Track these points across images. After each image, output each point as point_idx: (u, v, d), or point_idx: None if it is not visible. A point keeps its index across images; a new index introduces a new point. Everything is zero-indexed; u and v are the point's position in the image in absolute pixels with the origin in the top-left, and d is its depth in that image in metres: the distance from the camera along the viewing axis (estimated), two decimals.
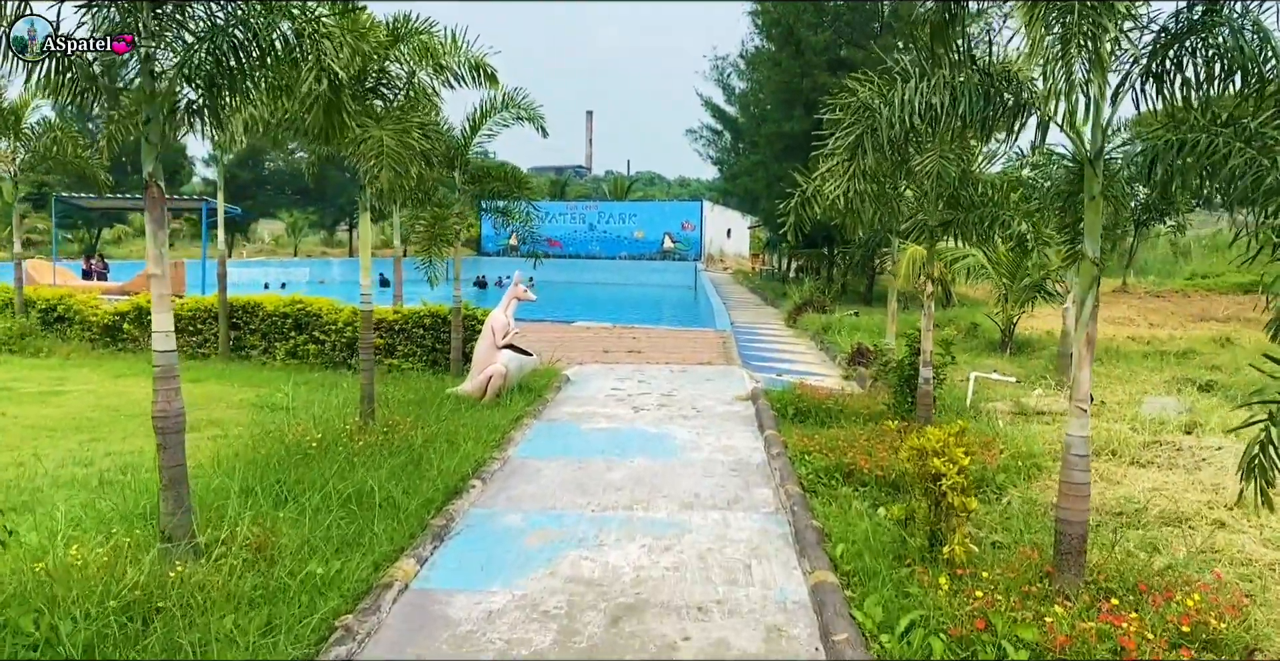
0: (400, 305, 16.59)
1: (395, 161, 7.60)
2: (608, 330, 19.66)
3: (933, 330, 8.67)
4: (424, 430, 8.59)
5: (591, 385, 12.32)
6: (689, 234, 50.00)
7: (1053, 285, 15.95)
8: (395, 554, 5.71)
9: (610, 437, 9.21)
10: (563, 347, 16.45)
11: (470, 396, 10.58)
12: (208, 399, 11.02)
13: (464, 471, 7.52)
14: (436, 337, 12.47)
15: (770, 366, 14.74)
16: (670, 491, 7.33)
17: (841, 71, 24.90)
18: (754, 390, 11.56)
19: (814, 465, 7.92)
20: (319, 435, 8.22)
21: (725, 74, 34.99)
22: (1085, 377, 5.25)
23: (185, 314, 13.62)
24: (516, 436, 9.09)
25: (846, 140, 5.67)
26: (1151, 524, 6.76)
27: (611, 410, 10.60)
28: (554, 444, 8.94)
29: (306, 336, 13.02)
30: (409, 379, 11.90)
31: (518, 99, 11.57)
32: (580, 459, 8.34)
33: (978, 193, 8.25)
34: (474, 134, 11.68)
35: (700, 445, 8.91)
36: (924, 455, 5.82)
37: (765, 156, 27.94)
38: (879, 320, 19.20)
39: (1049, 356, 14.91)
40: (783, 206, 8.64)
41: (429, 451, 7.97)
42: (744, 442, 9.05)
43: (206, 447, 8.35)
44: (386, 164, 7.54)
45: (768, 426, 9.44)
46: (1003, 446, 8.46)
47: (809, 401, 10.35)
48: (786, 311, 22.75)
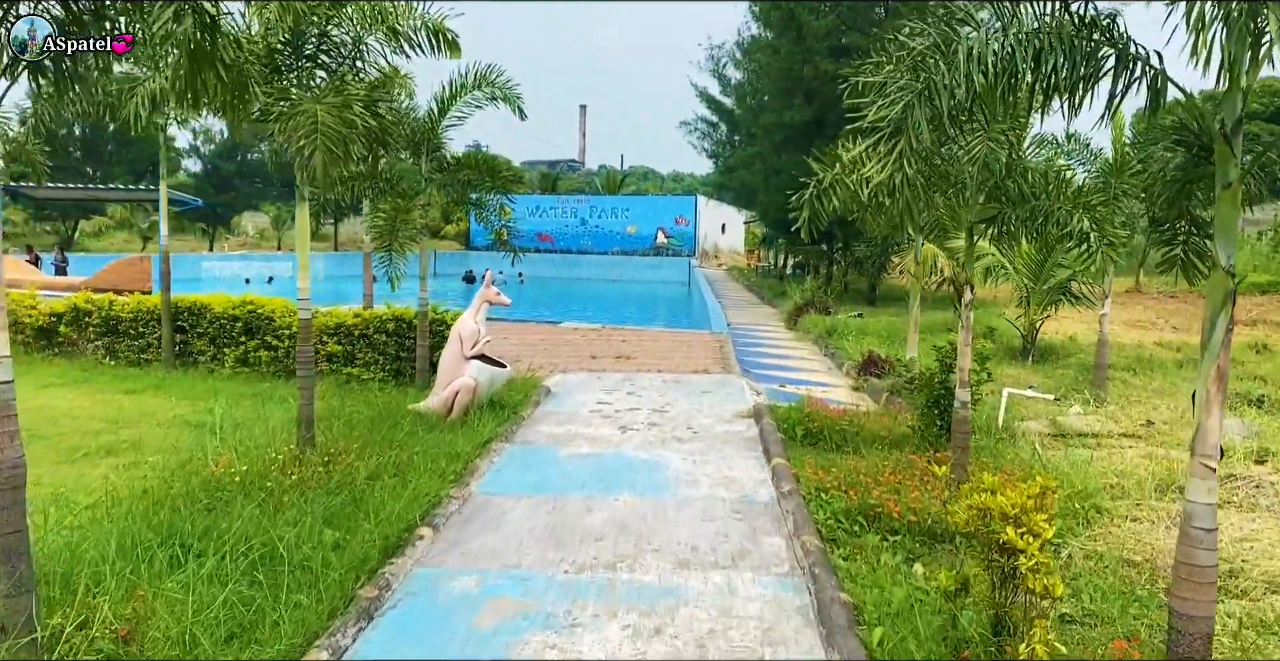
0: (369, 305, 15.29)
1: (332, 141, 6.27)
2: (596, 332, 18.35)
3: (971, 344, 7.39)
4: (372, 459, 7.28)
5: (575, 398, 11.02)
6: (683, 229, 48.62)
7: (1079, 287, 14.70)
8: (303, 645, 4.40)
9: (593, 467, 7.91)
10: (546, 352, 15.14)
11: (434, 414, 9.27)
12: (137, 414, 9.69)
13: (411, 517, 6.22)
14: (401, 344, 11.14)
15: (772, 375, 13.46)
16: (662, 542, 6.03)
17: (844, 59, 23.67)
18: (756, 406, 10.27)
19: (833, 506, 6.64)
20: (244, 467, 6.93)
21: (721, 64, 33.67)
22: (1214, 426, 3.95)
23: (125, 316, 12.27)
24: (482, 466, 7.78)
25: (892, 109, 4.36)
26: (1255, 589, 5.49)
27: (596, 430, 9.30)
28: (526, 475, 7.63)
29: (258, 342, 11.69)
30: (368, 391, 10.57)
31: (491, 76, 10.24)
32: (555, 496, 7.04)
33: (1027, 183, 6.96)
34: (442, 116, 10.35)
35: (697, 477, 7.62)
36: (986, 515, 4.54)
37: (763, 148, 26.61)
38: (886, 322, 17.93)
39: (1077, 366, 13.65)
40: (795, 199, 7.36)
41: (373, 488, 6.67)
42: (749, 473, 7.76)
43: (110, 481, 7.06)
44: (320, 144, 6.22)
45: (774, 452, 8.16)
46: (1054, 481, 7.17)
47: (820, 420, 9.07)
48: (786, 312, 21.45)
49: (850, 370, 13.28)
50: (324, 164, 6.23)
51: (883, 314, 21.07)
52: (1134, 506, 7.14)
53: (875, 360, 12.54)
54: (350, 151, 6.44)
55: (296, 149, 6.33)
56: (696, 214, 48.69)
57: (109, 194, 19.64)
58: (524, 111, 10.51)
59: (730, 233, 59.16)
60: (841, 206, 7.17)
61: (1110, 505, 7.05)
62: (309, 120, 6.30)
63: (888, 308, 23.54)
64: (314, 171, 6.23)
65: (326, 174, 6.29)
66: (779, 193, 26.54)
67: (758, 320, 22.14)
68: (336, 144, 6.31)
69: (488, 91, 10.33)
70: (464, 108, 10.49)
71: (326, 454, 7.37)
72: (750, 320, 22.00)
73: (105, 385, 11.01)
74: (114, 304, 12.36)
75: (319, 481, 6.82)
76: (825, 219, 7.21)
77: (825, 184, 7.09)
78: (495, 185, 10.52)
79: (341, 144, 6.36)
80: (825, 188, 7.07)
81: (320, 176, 6.24)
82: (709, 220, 52.59)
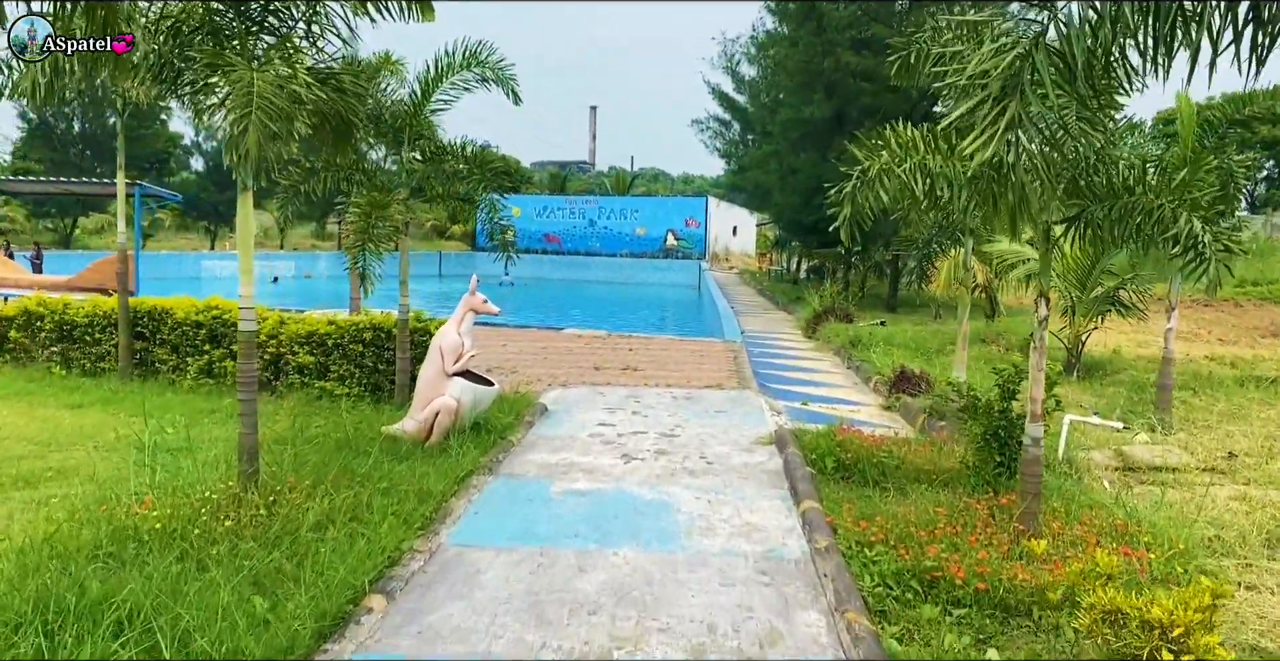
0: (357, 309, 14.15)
1: (270, 117, 5.09)
2: (601, 339, 17.15)
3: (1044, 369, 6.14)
4: (325, 499, 6.09)
5: (574, 418, 9.81)
6: (693, 231, 47.41)
7: (1129, 296, 13.43)
8: None
9: (590, 508, 6.70)
10: (546, 362, 13.95)
11: (411, 438, 8.09)
12: (75, 435, 8.53)
13: (360, 581, 5.02)
14: (379, 356, 9.94)
15: (792, 390, 12.23)
16: (670, 619, 4.82)
17: (867, 51, 22.43)
18: (779, 431, 9.04)
19: (880, 567, 5.42)
20: (170, 509, 5.76)
21: (734, 61, 32.50)
22: None
23: (80, 321, 11.12)
24: (458, 507, 6.58)
25: (997, 61, 3.14)
26: None
27: (595, 459, 8.09)
28: (509, 519, 6.42)
29: (224, 351, 10.52)
30: (339, 409, 9.39)
31: (482, 54, 9.05)
32: (543, 548, 5.83)
33: (1119, 177, 5.72)
34: (426, 99, 9.16)
35: (713, 523, 6.39)
36: (1115, 618, 3.32)
37: (779, 146, 25.38)
38: (912, 333, 16.67)
39: (1130, 384, 12.37)
40: (832, 194, 6.15)
41: (321, 541, 5.49)
42: (774, 518, 6.54)
43: (11, 524, 5.91)
44: (255, 119, 5.03)
45: (803, 492, 6.94)
46: (1146, 537, 5.94)
47: (854, 450, 7.84)
48: (804, 319, 20.21)
49: (880, 386, 12.04)
50: (258, 143, 5.04)
51: (905, 321, 19.81)
52: (1243, 568, 5.91)
53: (908, 376, 11.30)
54: (293, 130, 5.24)
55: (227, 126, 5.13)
56: (707, 215, 47.51)
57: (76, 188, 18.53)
58: (519, 96, 9.32)
59: (742, 235, 57.96)
60: (891, 201, 5.95)
61: (1214, 566, 5.81)
62: (243, 90, 5.12)
63: (909, 315, 22.28)
64: (245, 152, 5.03)
65: (262, 155, 5.09)
66: (795, 193, 25.37)
67: (773, 327, 20.91)
68: (276, 120, 5.13)
69: (478, 72, 9.14)
70: (452, 90, 9.30)
71: (272, 492, 6.19)
72: (765, 327, 20.78)
73: (49, 398, 9.86)
74: (68, 307, 11.22)
75: (258, 528, 5.65)
76: (870, 216, 6.00)
77: (872, 174, 5.87)
78: (485, 178, 9.31)
79: (283, 121, 5.18)
80: (872, 178, 5.86)
81: (253, 158, 5.04)
82: (720, 222, 51.41)
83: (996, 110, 3.21)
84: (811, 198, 24.08)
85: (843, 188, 5.95)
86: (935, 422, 9.56)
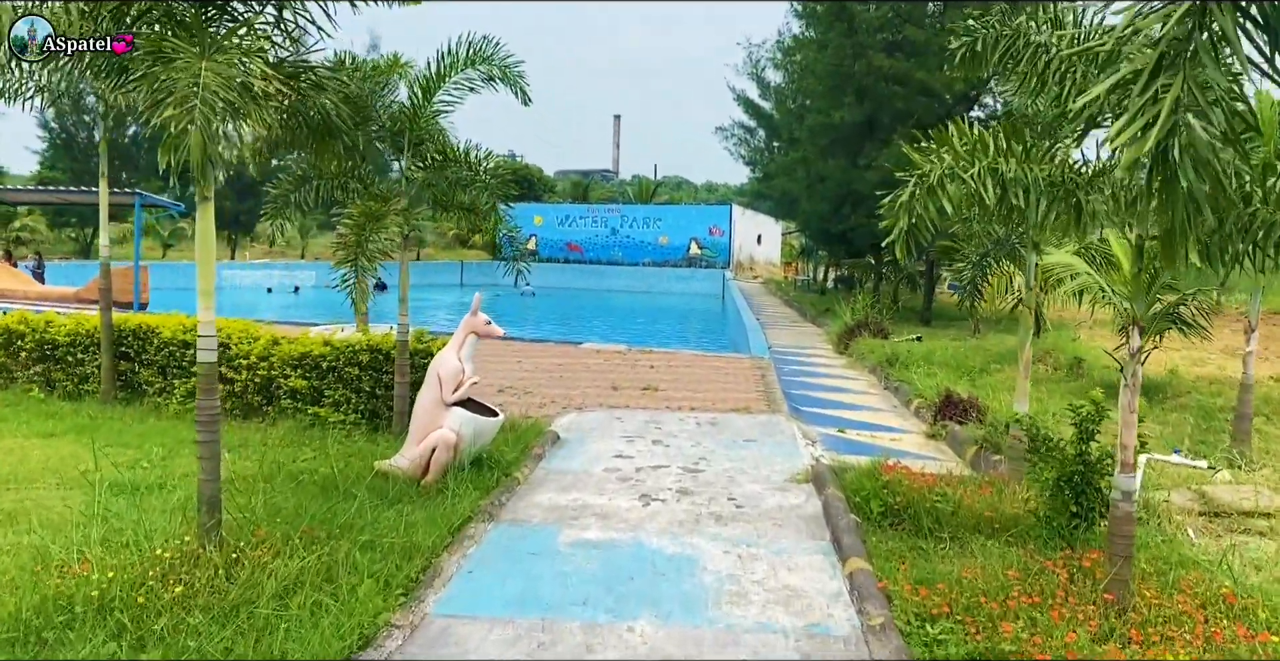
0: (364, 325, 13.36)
1: (216, 114, 4.27)
2: (620, 355, 16.29)
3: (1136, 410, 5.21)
4: (295, 557, 5.25)
5: (588, 449, 8.94)
6: (717, 239, 46.53)
7: (1191, 313, 12.36)
8: None
9: (602, 565, 5.81)
10: (562, 381, 13.11)
11: (406, 476, 7.26)
12: (40, 469, 7.76)
13: None
14: (377, 380, 9.11)
15: (826, 414, 11.31)
16: None
17: (900, 54, 21.48)
18: (816, 466, 8.13)
19: (947, 650, 4.52)
20: (111, 572, 4.94)
21: (760, 67, 31.67)
22: None
23: (61, 340, 10.40)
24: (450, 565, 5.71)
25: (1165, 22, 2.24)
26: None
27: (610, 500, 7.21)
28: (508, 581, 5.54)
29: None
30: (331, 438, 8.59)
31: (487, 51, 8.24)
32: (545, 619, 4.95)
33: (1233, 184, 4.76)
34: (427, 100, 8.35)
35: (745, 586, 5.49)
36: None
37: (807, 153, 24.44)
38: (952, 350, 15.64)
39: (1197, 409, 11.32)
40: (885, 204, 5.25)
41: (283, 614, 4.65)
42: (816, 580, 5.62)
43: None
44: (199, 116, 4.22)
45: (849, 547, 6.02)
46: (1264, 612, 4.98)
47: (903, 492, 6.90)
48: (834, 333, 19.23)
49: (923, 411, 11.07)
50: (202, 145, 4.22)
51: (941, 336, 18.78)
52: None
53: (955, 401, 10.33)
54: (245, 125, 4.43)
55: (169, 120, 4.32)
56: (731, 224, 46.65)
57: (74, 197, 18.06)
58: (528, 95, 8.50)
59: (766, 243, 56.99)
60: (954, 210, 5.05)
61: None
62: (188, 83, 4.31)
63: (944, 329, 21.23)
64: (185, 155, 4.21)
65: (206, 158, 4.27)
66: (824, 201, 24.42)
67: (801, 341, 19.96)
68: (224, 115, 4.31)
69: (484, 69, 8.33)
70: (456, 90, 8.50)
71: (235, 548, 5.36)
72: (793, 341, 19.83)
73: (21, 426, 9.12)
74: (50, 325, 10.50)
75: (214, 595, 4.84)
76: (932, 229, 5.09)
77: (933, 180, 4.97)
78: (489, 186, 8.48)
79: (233, 115, 4.36)
80: (933, 184, 4.96)
81: (196, 161, 4.23)
82: (744, 230, 50.51)
83: (1153, 90, 2.34)
84: (840, 206, 23.14)
85: (897, 196, 5.05)
86: (989, 457, 8.60)
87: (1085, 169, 5.20)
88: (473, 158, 8.58)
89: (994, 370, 14.15)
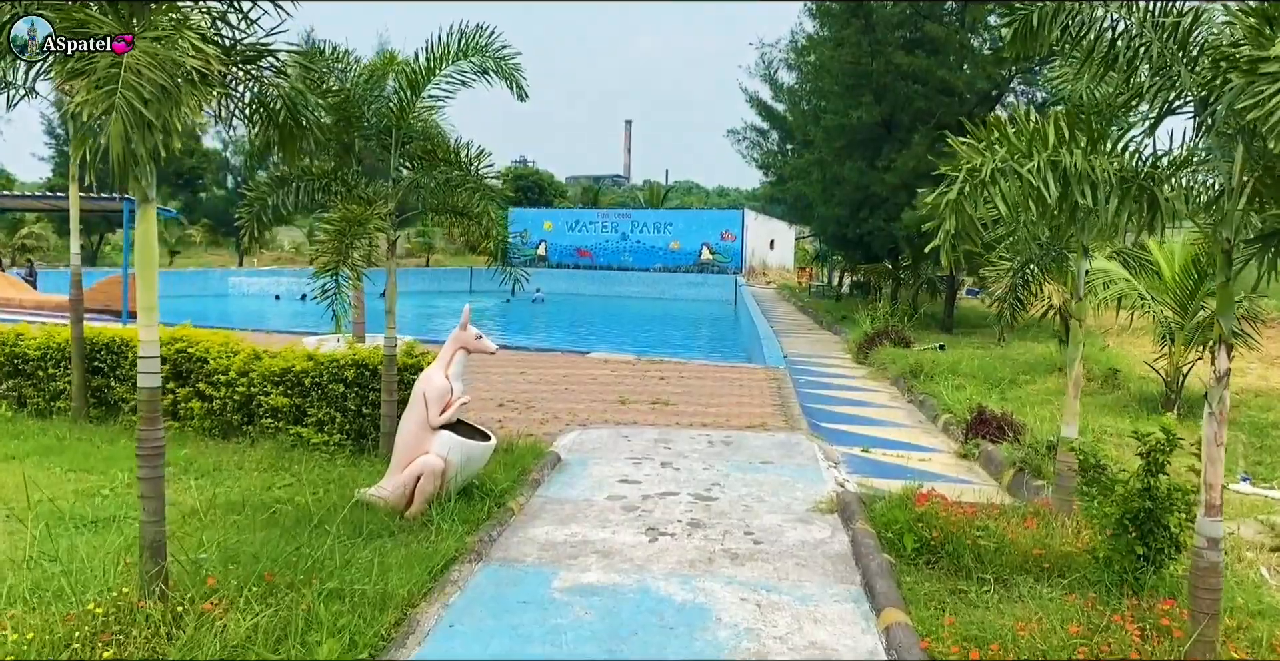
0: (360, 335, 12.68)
1: (142, 99, 3.60)
2: (629, 365, 15.59)
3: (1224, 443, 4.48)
4: (249, 612, 4.56)
5: (591, 472, 8.24)
6: (729, 244, 45.81)
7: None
8: None
9: (602, 616, 5.10)
10: (567, 395, 12.42)
11: (388, 506, 6.57)
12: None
13: None
14: (363, 398, 8.43)
15: (848, 432, 10.57)
16: None
17: (919, 51, 20.72)
18: (841, 495, 7.39)
19: None
20: (32, 633, 4.27)
21: (773, 67, 30.93)
22: None
23: (32, 354, 9.77)
24: (427, 617, 5.01)
25: None
26: None
27: (613, 534, 6.50)
28: (493, 637, 4.83)
29: (189, 389, 9.10)
30: (313, 462, 7.92)
31: (480, 41, 7.58)
32: None
33: None
34: (415, 94, 7.69)
35: (766, 645, 4.76)
36: None
37: (823, 155, 23.68)
38: (980, 360, 14.85)
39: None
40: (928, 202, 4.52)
41: None
42: (847, 636, 4.89)
43: None
44: (120, 102, 3.55)
45: (882, 592, 5.29)
46: None
47: (940, 526, 6.17)
48: (853, 342, 18.47)
49: (952, 427, 10.32)
50: (123, 136, 3.55)
51: (965, 345, 17.97)
52: None
53: (987, 418, 9.59)
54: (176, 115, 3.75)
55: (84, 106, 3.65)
56: (744, 228, 45.94)
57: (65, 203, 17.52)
58: (524, 90, 7.83)
59: (779, 248, 56.27)
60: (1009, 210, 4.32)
61: None
62: (109, 62, 3.65)
63: (967, 336, 20.42)
64: (102, 148, 3.54)
65: (129, 153, 3.60)
66: (840, 204, 23.65)
67: (818, 350, 19.21)
68: (152, 103, 3.63)
69: (477, 61, 7.67)
70: (447, 84, 7.85)
71: (182, 599, 4.68)
72: (809, 350, 19.08)
73: None
74: (20, 339, 9.88)
75: None
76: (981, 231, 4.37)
77: (984, 175, 4.25)
78: (479, 187, 7.80)
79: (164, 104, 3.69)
80: (984, 180, 4.24)
81: (117, 153, 3.55)
82: (756, 235, 49.80)
83: None
84: (858, 209, 22.41)
85: (943, 193, 4.33)
86: (1029, 482, 7.86)
87: (1160, 161, 4.48)
88: (464, 156, 7.91)
89: (1024, 382, 13.39)
